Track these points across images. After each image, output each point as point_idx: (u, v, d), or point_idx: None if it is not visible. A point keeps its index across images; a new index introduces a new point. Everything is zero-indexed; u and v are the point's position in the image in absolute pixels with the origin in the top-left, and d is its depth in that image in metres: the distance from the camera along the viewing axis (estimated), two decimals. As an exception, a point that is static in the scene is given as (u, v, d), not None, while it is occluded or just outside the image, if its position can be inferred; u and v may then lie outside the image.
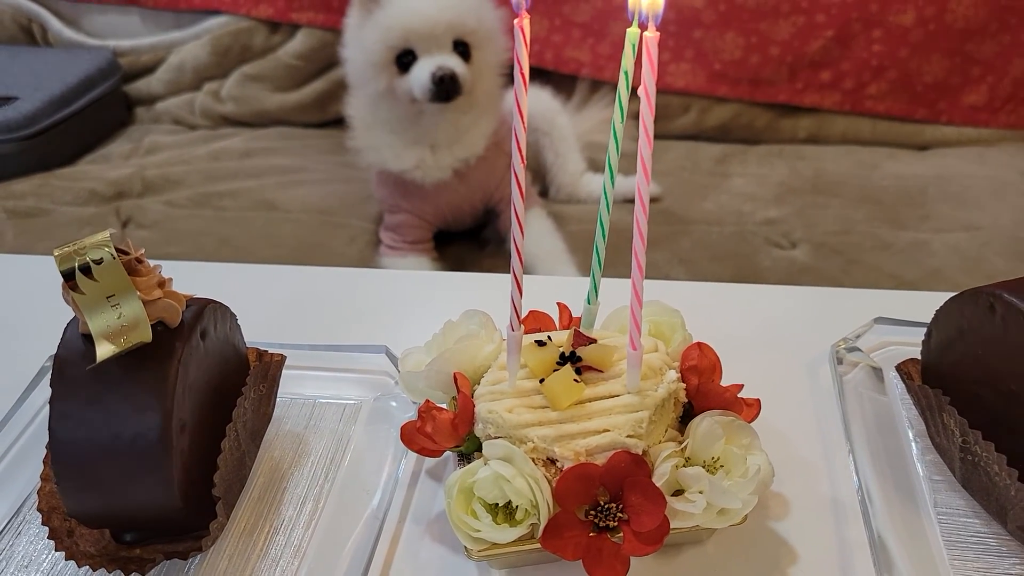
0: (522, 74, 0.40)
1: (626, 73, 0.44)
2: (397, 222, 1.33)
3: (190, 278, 0.54)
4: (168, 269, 0.50)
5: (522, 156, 0.43)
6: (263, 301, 0.72)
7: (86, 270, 0.44)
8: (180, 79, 1.83)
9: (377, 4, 1.20)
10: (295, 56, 1.77)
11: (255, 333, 0.59)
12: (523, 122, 0.42)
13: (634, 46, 0.43)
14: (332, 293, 0.75)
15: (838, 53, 1.67)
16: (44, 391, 0.61)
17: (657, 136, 0.40)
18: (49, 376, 0.60)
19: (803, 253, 1.36)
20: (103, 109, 1.76)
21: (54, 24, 1.84)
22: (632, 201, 0.44)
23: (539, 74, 1.64)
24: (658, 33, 0.39)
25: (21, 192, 1.52)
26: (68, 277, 0.44)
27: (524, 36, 0.39)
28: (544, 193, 1.53)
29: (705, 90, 1.70)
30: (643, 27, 0.39)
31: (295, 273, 0.80)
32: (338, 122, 1.79)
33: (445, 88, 1.19)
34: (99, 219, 1.47)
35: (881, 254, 1.36)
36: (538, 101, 1.49)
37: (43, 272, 0.79)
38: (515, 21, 0.39)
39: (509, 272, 1.42)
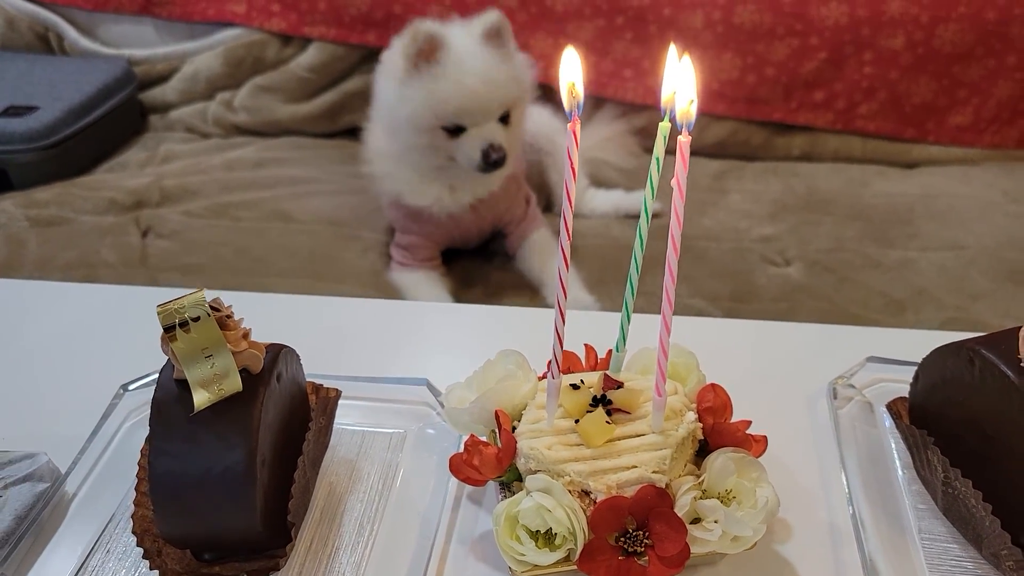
0: (572, 169, 0.47)
1: (657, 159, 0.50)
2: (407, 242, 1.39)
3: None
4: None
5: (568, 232, 0.50)
6: (298, 330, 0.78)
7: (184, 325, 0.50)
8: (193, 88, 1.88)
9: (428, 65, 1.22)
10: (306, 69, 1.82)
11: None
12: (571, 204, 0.48)
13: (665, 137, 0.50)
14: (361, 323, 0.82)
15: (831, 74, 1.73)
16: (118, 417, 0.67)
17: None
18: (121, 403, 0.67)
19: (797, 271, 1.43)
20: (119, 118, 1.81)
21: (70, 33, 1.88)
22: (637, 217, 0.51)
23: (542, 91, 1.70)
24: (690, 137, 0.45)
25: (43, 201, 1.57)
26: (169, 330, 0.50)
27: (575, 138, 0.45)
28: (549, 207, 1.60)
29: (704, 108, 1.77)
30: (677, 129, 0.46)
31: (325, 303, 0.87)
32: (348, 133, 1.85)
33: (496, 167, 1.26)
34: (120, 228, 1.52)
35: (871, 272, 1.43)
36: (541, 122, 1.55)
37: (104, 301, 0.86)
38: (568, 125, 0.45)
39: (515, 289, 1.48)
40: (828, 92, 1.75)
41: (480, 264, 1.49)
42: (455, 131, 1.27)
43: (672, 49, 0.46)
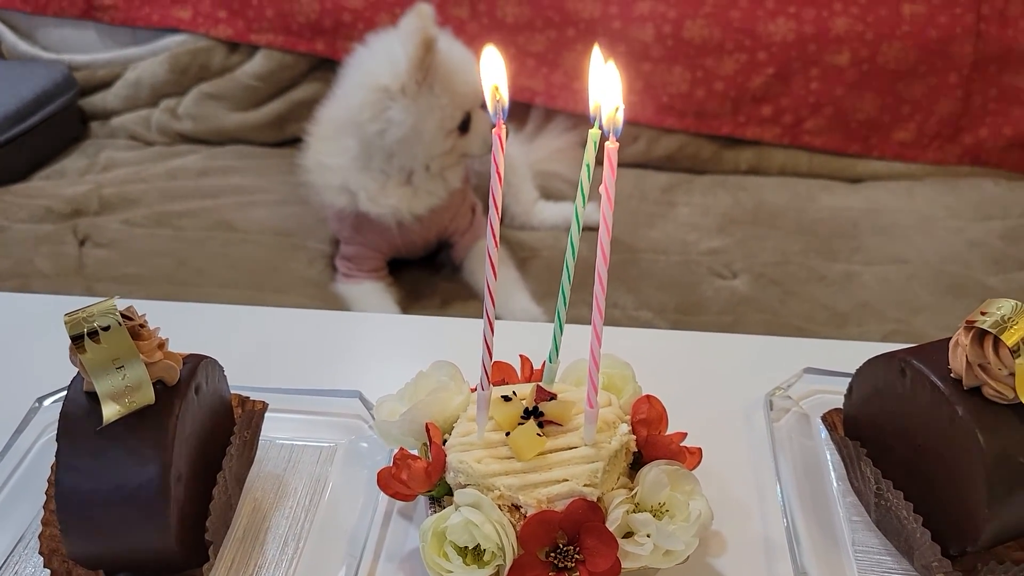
0: (498, 173, 0.46)
1: (588, 165, 0.50)
2: (352, 252, 1.37)
3: (160, 319, 0.56)
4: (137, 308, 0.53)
5: (495, 239, 0.48)
6: (231, 342, 0.76)
7: (93, 335, 0.48)
8: (137, 95, 1.84)
9: (433, 71, 1.22)
10: (253, 77, 1.79)
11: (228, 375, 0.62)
12: (497, 211, 0.47)
13: (595, 143, 0.49)
14: (297, 335, 0.80)
15: (778, 90, 1.75)
16: (32, 432, 0.64)
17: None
18: (36, 418, 0.65)
19: (743, 283, 1.44)
20: (58, 124, 1.76)
21: (8, 37, 1.83)
22: (587, 229, 0.50)
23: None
24: (617, 144, 0.44)
25: (-25, 208, 1.52)
26: (77, 340, 0.48)
27: (501, 143, 0.44)
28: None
29: (653, 121, 1.78)
30: (604, 136, 0.45)
31: (261, 314, 0.84)
32: (295, 142, 1.82)
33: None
34: (56, 237, 1.48)
35: (816, 285, 1.44)
36: (490, 133, 1.54)
37: (22, 311, 0.83)
38: (493, 130, 0.44)
39: (462, 300, 1.47)
40: (775, 107, 1.77)
41: (428, 276, 1.48)
42: (465, 126, 1.28)
43: (596, 52, 0.45)
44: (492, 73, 0.46)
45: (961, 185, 1.73)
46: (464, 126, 1.29)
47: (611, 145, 0.44)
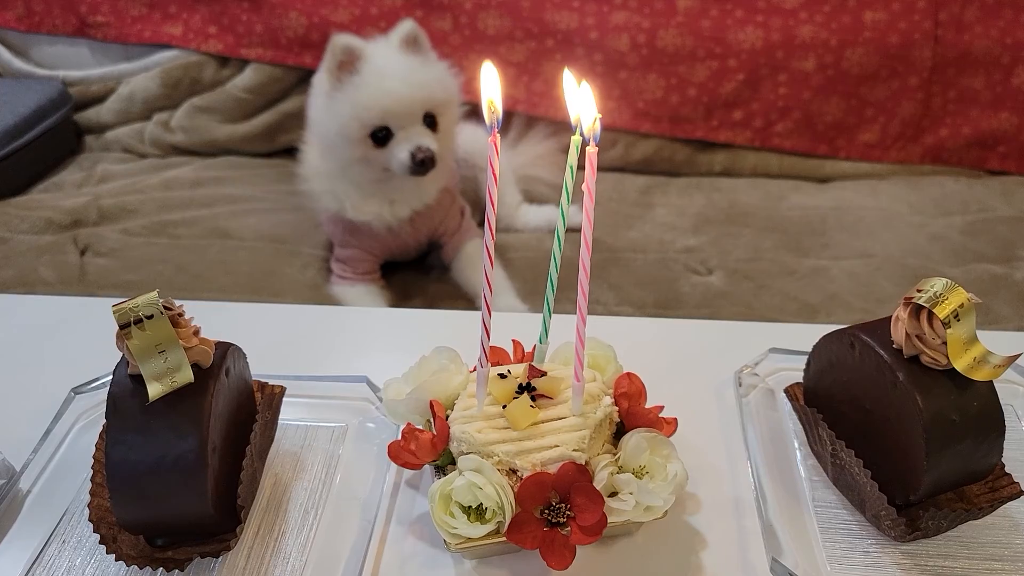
0: (494, 175, 0.52)
1: (571, 167, 0.57)
2: (346, 256, 1.44)
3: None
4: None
5: (492, 232, 0.55)
6: (243, 336, 0.82)
7: (139, 323, 0.54)
8: (130, 109, 1.89)
9: (349, 76, 1.27)
10: (244, 89, 1.85)
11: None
12: (493, 209, 0.54)
13: (577, 147, 0.56)
14: (303, 328, 0.86)
15: (748, 95, 1.83)
16: (68, 420, 0.70)
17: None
18: (72, 406, 0.71)
19: (718, 279, 1.51)
20: (55, 138, 1.81)
21: (3, 54, 1.88)
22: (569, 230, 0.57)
23: (477, 111, 1.75)
24: (597, 148, 0.51)
25: (-22, 221, 1.57)
26: (124, 328, 0.54)
27: (496, 150, 0.51)
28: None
29: (630, 126, 1.85)
30: (586, 143, 0.52)
31: (269, 310, 0.91)
32: (286, 152, 1.89)
33: (425, 167, 1.29)
34: (57, 247, 1.53)
35: (786, 279, 1.52)
36: (475, 139, 1.60)
37: (45, 311, 0.88)
38: (488, 139, 0.51)
39: (452, 300, 1.54)
40: (746, 111, 1.85)
41: (418, 277, 1.54)
42: (383, 139, 1.30)
43: (567, 74, 0.52)
44: (488, 88, 0.52)
45: (923, 183, 1.81)
46: (383, 140, 1.30)
47: (591, 149, 0.51)
